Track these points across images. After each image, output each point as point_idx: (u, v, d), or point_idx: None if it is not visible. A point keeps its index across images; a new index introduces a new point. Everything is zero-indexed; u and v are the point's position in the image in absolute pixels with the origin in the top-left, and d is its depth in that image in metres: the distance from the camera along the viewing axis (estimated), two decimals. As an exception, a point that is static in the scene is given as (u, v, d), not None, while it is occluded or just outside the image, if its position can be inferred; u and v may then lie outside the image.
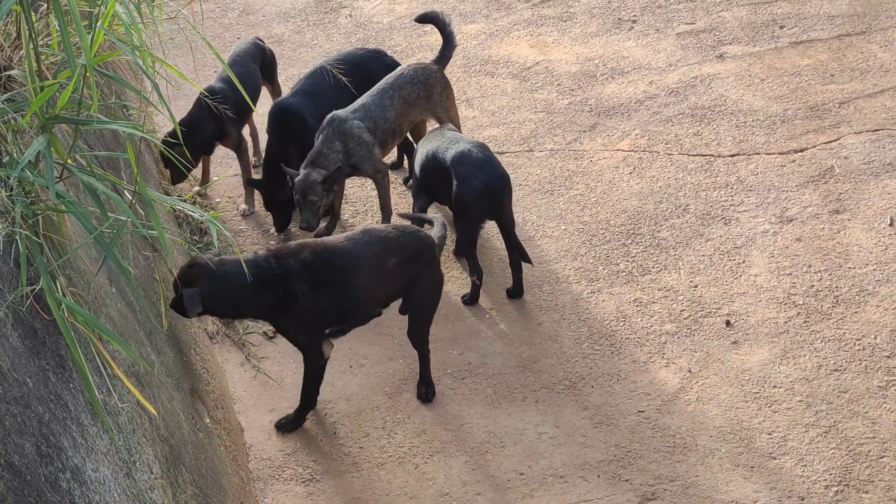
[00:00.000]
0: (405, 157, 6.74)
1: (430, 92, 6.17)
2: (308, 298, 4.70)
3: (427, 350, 5.11)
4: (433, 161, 5.70)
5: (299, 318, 4.78)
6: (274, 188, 6.12)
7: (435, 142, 5.79)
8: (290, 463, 4.85)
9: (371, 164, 5.98)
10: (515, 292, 5.68)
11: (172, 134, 5.72)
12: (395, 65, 6.42)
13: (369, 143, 5.91)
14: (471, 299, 5.68)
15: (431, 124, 6.47)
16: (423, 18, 6.47)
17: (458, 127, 6.37)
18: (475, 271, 5.65)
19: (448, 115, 6.32)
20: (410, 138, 6.51)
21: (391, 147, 6.20)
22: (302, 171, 5.80)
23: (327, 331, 4.94)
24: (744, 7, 8.04)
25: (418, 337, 5.08)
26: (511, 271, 5.66)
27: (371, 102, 6.00)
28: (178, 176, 6.21)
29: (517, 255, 5.61)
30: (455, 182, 5.52)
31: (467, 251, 5.66)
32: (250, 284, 4.55)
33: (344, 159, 5.87)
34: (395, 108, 6.02)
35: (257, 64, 6.61)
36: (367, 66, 6.37)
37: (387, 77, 6.15)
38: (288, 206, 6.11)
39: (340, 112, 5.96)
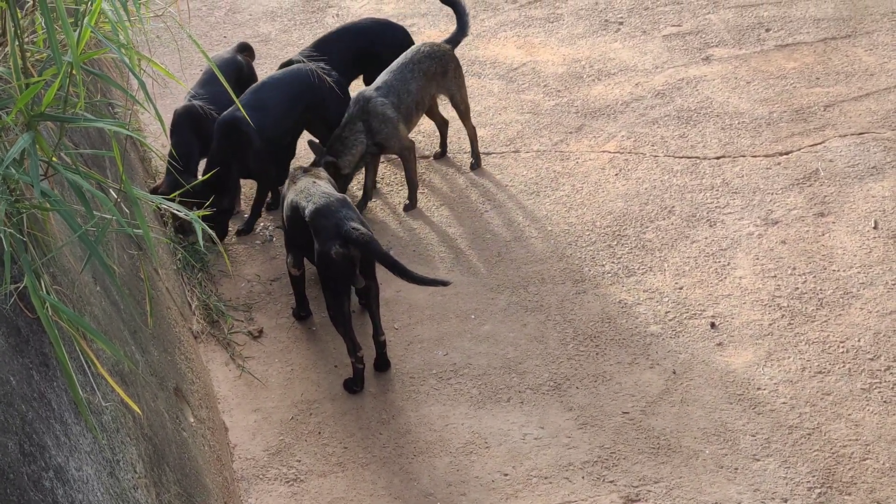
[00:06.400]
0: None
1: (445, 68, 6.41)
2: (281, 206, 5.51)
3: (336, 327, 5.25)
4: None
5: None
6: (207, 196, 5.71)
7: None
8: (274, 463, 4.84)
9: (398, 141, 6.18)
10: None
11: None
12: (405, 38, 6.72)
13: (394, 120, 6.10)
14: None
15: (443, 106, 6.49)
16: (447, 1, 6.72)
17: (467, 108, 6.60)
18: None
19: (460, 94, 6.56)
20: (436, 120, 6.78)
21: (416, 121, 6.38)
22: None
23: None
24: (730, 10, 8.06)
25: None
26: None
27: (393, 78, 6.21)
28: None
29: None
30: None
31: None
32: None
33: (368, 138, 6.05)
34: (417, 81, 6.24)
35: (232, 81, 6.46)
36: (371, 36, 6.68)
37: (404, 54, 6.37)
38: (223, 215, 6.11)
39: (366, 90, 6.17)
